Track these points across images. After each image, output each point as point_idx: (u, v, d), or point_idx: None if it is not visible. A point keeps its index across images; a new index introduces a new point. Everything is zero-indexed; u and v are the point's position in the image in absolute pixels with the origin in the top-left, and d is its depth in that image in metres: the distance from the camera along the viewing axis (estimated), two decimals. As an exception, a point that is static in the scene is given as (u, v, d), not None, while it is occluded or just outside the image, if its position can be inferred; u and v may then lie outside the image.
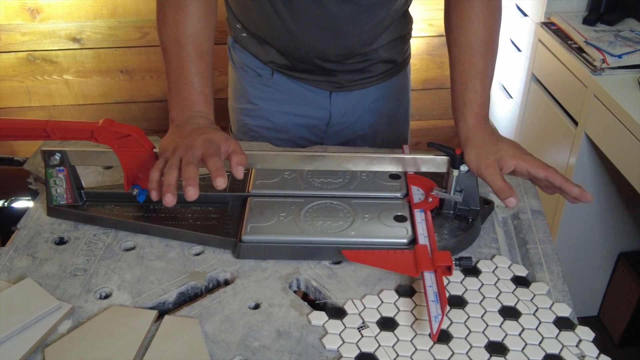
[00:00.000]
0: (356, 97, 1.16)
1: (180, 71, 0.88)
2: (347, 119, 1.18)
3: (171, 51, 0.89)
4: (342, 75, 1.11)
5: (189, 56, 0.88)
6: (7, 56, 2.02)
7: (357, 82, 1.13)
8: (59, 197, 0.92)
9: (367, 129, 1.20)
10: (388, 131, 1.23)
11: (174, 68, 0.89)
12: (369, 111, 1.19)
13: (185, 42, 0.89)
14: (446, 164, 0.88)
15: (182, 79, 0.88)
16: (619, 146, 1.44)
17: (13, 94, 2.10)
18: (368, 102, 1.17)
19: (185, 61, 0.88)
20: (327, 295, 0.81)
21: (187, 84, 0.88)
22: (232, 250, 0.87)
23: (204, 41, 0.90)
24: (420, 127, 2.42)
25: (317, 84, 1.12)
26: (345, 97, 1.15)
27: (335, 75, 1.11)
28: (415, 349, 0.73)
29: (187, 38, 0.89)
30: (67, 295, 0.80)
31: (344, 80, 1.12)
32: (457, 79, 0.90)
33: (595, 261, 1.83)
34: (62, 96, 2.13)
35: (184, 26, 0.89)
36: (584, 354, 0.72)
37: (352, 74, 1.12)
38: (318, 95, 1.14)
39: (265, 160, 0.90)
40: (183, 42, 0.89)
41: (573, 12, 1.81)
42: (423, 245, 0.82)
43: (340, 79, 1.12)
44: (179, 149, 0.78)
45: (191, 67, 0.88)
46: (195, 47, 0.89)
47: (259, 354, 0.72)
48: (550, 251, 0.87)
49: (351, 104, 1.16)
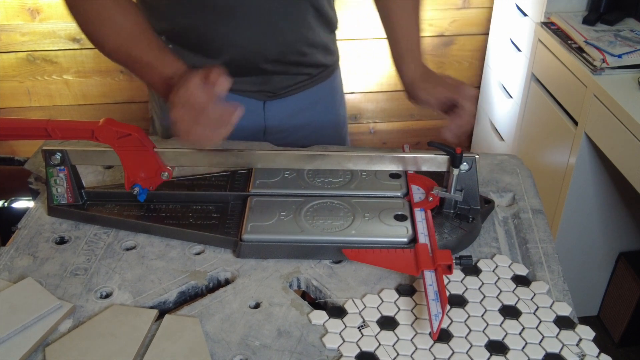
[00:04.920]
0: (290, 104, 1.14)
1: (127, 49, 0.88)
2: (283, 127, 1.16)
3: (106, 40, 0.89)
4: (277, 80, 1.09)
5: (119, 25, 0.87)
6: (7, 56, 2.02)
7: (290, 88, 1.12)
8: (59, 196, 0.92)
9: (304, 138, 1.17)
10: (326, 136, 1.21)
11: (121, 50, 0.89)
12: (304, 117, 1.17)
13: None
14: (446, 163, 0.88)
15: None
16: (619, 146, 1.44)
17: (13, 94, 2.10)
18: (302, 107, 1.16)
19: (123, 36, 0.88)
20: (327, 295, 0.81)
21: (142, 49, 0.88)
22: (233, 249, 0.87)
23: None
24: (420, 127, 2.42)
25: (251, 94, 1.10)
26: (279, 104, 1.13)
27: (269, 81, 1.09)
28: (416, 348, 0.73)
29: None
30: (68, 294, 0.80)
31: (278, 87, 1.10)
32: (395, 31, 1.02)
33: (595, 261, 1.83)
34: (62, 96, 2.13)
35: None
36: (584, 353, 0.72)
37: (286, 78, 1.10)
38: (252, 105, 1.11)
39: (265, 160, 0.90)
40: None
41: (573, 12, 1.81)
42: (423, 244, 0.82)
43: (274, 86, 1.10)
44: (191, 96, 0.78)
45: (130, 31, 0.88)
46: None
47: (260, 353, 0.72)
48: (551, 250, 0.87)
49: (286, 112, 1.14)
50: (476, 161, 0.88)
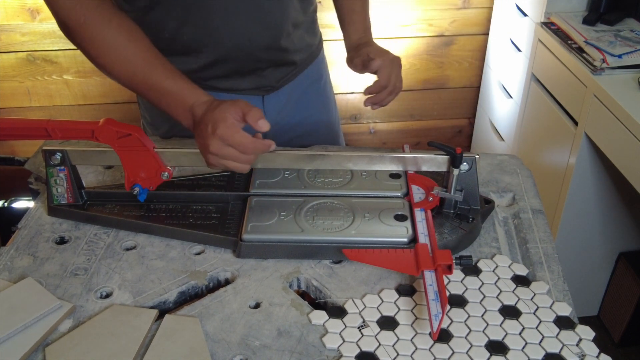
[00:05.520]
0: (286, 93, 1.16)
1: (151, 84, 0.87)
2: (282, 118, 1.17)
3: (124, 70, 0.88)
4: (271, 73, 1.11)
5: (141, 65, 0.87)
6: (7, 56, 2.02)
7: (284, 78, 1.14)
8: (59, 196, 0.92)
9: (301, 126, 1.21)
10: (322, 124, 1.25)
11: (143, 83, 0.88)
12: (300, 105, 1.19)
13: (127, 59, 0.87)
14: (446, 163, 0.88)
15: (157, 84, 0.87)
16: (619, 146, 1.44)
17: (13, 94, 2.10)
18: (297, 95, 1.18)
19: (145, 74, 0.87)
20: (327, 295, 0.81)
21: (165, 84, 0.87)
22: (233, 249, 0.87)
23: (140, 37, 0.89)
24: (420, 127, 2.42)
25: (249, 92, 1.11)
26: (276, 96, 1.15)
27: (265, 75, 1.10)
28: (416, 348, 0.73)
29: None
30: (68, 294, 0.80)
31: (273, 79, 1.12)
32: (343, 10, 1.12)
33: (595, 261, 1.83)
34: (62, 96, 2.13)
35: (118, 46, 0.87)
36: (584, 353, 0.72)
37: (279, 71, 1.11)
38: (251, 101, 1.10)
39: (265, 160, 0.90)
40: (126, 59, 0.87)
41: (573, 12, 1.81)
42: (423, 244, 0.82)
43: (269, 79, 1.11)
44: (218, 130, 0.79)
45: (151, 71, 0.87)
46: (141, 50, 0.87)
47: (260, 353, 0.72)
48: (551, 250, 0.87)
49: (282, 102, 1.16)
50: (476, 161, 0.88)
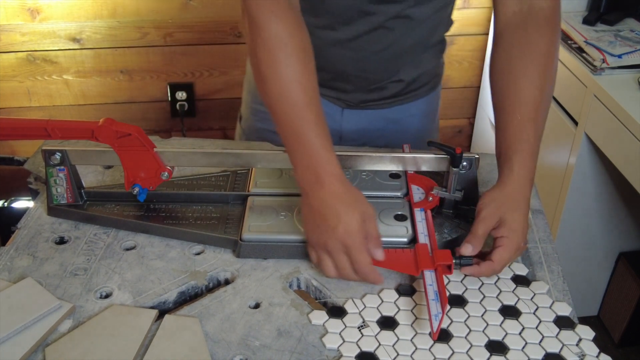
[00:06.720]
0: (368, 116, 1.12)
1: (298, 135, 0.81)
2: (359, 138, 1.14)
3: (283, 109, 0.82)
4: (356, 95, 1.08)
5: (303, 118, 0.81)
6: (7, 56, 2.02)
7: (370, 103, 1.10)
8: (59, 196, 0.92)
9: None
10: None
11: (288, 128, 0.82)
12: (382, 135, 1.14)
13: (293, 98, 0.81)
14: (446, 162, 0.88)
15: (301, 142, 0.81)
16: (619, 146, 1.44)
17: (13, 94, 2.10)
18: (381, 124, 1.13)
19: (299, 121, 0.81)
20: (327, 295, 0.81)
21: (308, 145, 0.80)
22: (233, 249, 0.87)
23: (309, 88, 0.82)
24: (420, 127, 2.42)
25: (329, 99, 1.10)
26: (356, 114, 1.12)
27: (349, 93, 1.08)
28: (416, 348, 0.73)
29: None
30: (68, 294, 0.80)
31: (356, 101, 1.09)
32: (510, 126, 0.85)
33: (595, 261, 1.83)
34: (62, 96, 2.13)
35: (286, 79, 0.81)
36: (584, 353, 0.72)
37: (366, 94, 1.08)
38: (330, 109, 1.10)
39: (265, 160, 0.90)
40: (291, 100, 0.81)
41: (573, 12, 1.81)
42: (423, 244, 0.82)
43: (353, 98, 1.09)
44: (333, 252, 0.78)
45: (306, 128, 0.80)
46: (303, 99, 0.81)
47: (260, 353, 0.72)
48: (551, 250, 0.87)
49: (363, 122, 1.13)
50: (476, 161, 0.88)
